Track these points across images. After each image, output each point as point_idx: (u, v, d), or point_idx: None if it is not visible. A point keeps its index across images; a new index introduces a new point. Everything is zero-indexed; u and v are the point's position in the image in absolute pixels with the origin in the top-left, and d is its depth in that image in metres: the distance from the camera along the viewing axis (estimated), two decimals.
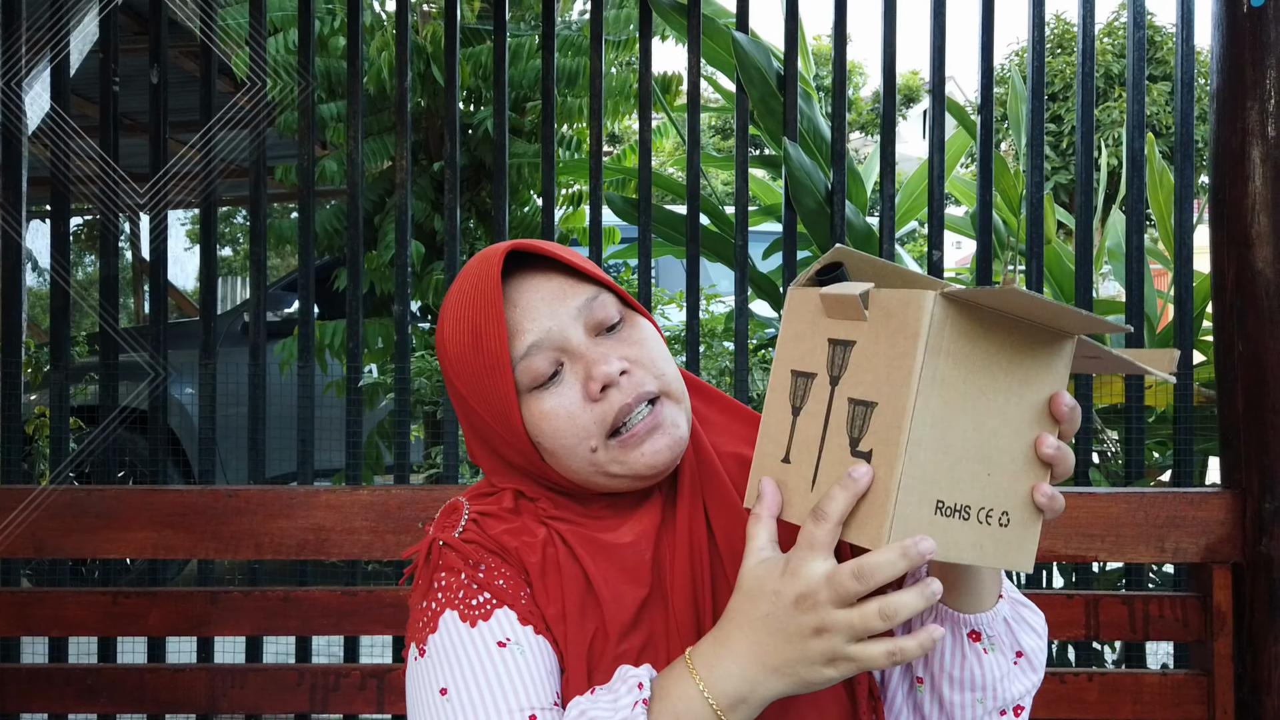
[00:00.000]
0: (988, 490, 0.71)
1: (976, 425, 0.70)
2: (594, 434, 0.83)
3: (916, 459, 0.68)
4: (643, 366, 0.85)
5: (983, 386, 0.71)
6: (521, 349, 0.83)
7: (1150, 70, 12.09)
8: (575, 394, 0.84)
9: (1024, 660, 0.84)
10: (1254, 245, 1.38)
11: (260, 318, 1.99)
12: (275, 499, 1.44)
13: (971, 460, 0.70)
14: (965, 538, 0.70)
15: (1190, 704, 1.41)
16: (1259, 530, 1.38)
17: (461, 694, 0.79)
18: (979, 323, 0.70)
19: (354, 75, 1.99)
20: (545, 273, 0.86)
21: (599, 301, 0.85)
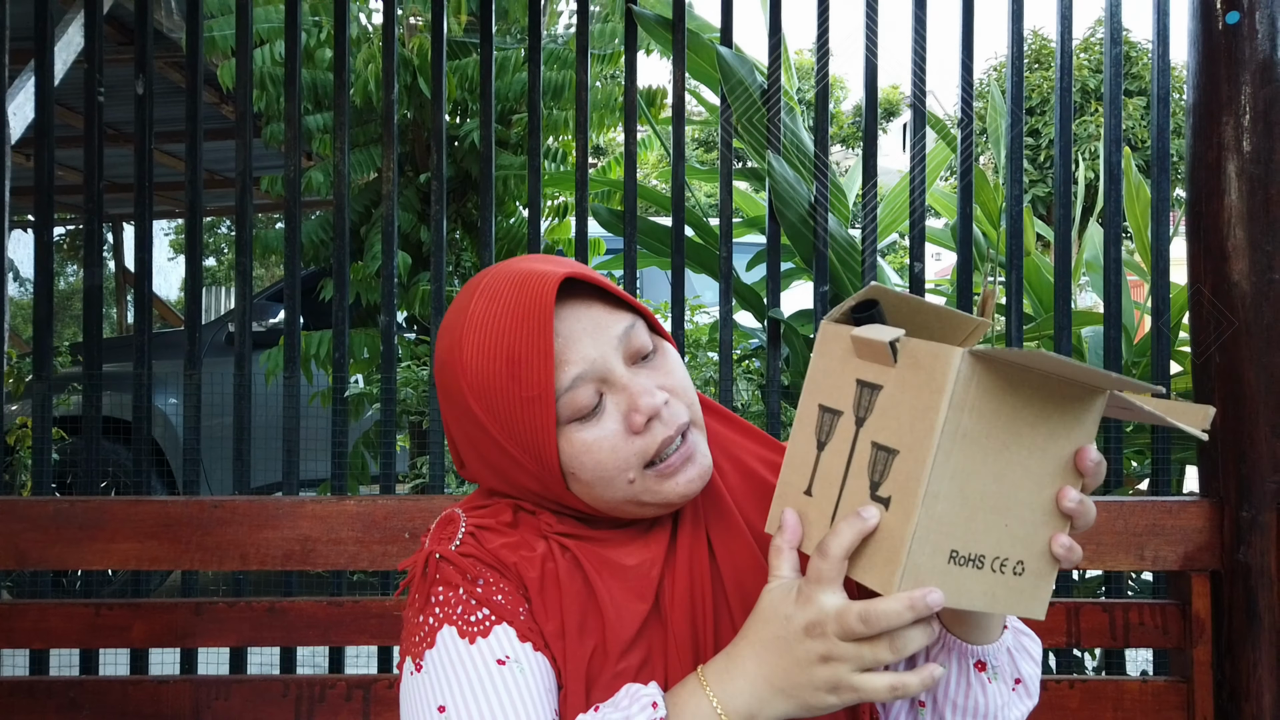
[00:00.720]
0: (1004, 540, 0.72)
1: (997, 478, 0.72)
2: (634, 465, 0.83)
3: (933, 510, 0.69)
4: (677, 395, 0.85)
5: (1006, 441, 0.72)
6: (566, 381, 0.82)
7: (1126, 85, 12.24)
8: (616, 425, 0.83)
9: (1021, 687, 0.86)
10: (1230, 258, 1.40)
11: (246, 327, 1.98)
12: (261, 509, 1.44)
13: (989, 511, 0.72)
14: (977, 586, 0.72)
15: (1170, 710, 1.42)
16: (1236, 538, 1.40)
17: (460, 712, 0.78)
18: (1006, 379, 0.71)
19: (340, 86, 2.00)
20: (585, 300, 0.84)
21: (635, 330, 0.85)
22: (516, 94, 3.13)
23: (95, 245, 2.00)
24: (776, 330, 2.07)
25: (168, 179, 6.65)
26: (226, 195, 7.60)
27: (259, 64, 3.05)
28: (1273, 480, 1.39)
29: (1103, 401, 0.74)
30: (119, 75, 3.99)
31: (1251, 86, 1.38)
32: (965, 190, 2.05)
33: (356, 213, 3.15)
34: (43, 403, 1.95)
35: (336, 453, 2.00)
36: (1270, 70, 1.37)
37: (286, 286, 2.00)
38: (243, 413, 1.97)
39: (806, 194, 2.21)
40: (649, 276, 4.46)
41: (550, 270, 0.83)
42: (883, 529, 0.72)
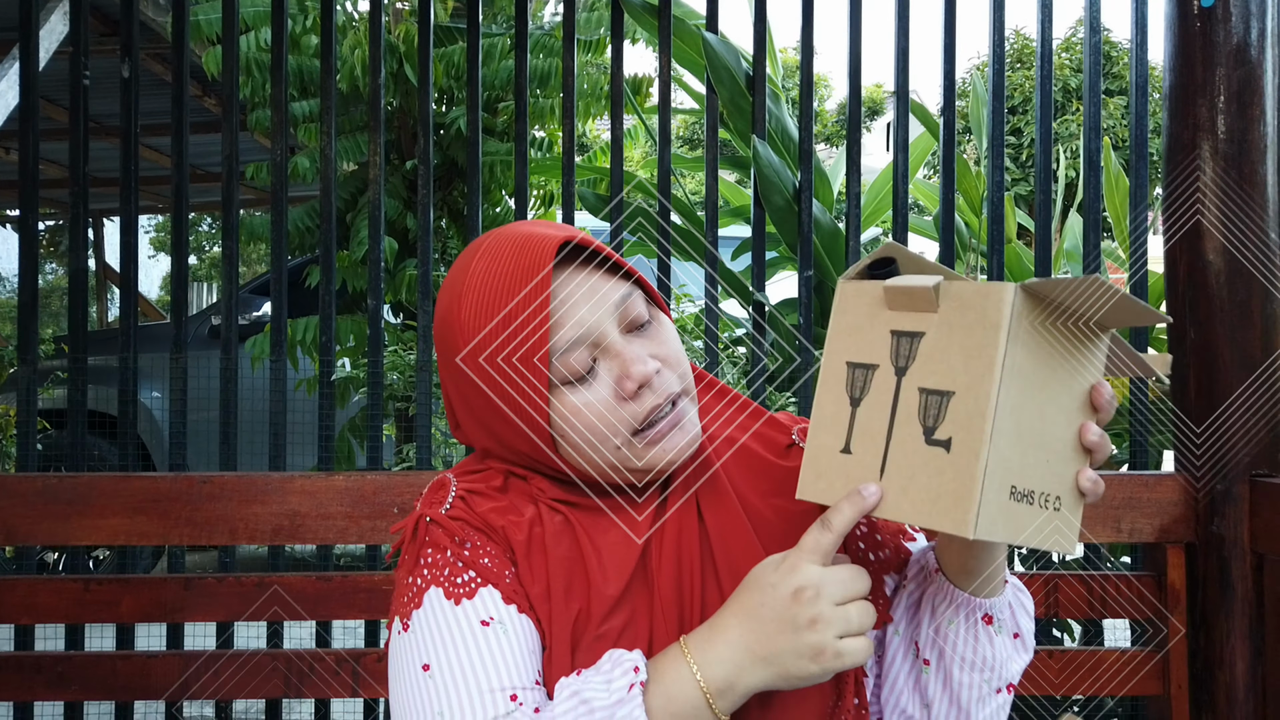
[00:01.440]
0: (1047, 475, 0.74)
1: (1040, 414, 0.73)
2: (623, 429, 0.84)
3: (999, 447, 0.70)
4: (669, 365, 0.86)
5: (1045, 377, 0.73)
6: (561, 344, 0.83)
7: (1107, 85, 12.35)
8: (607, 391, 0.84)
9: (1019, 640, 0.88)
10: (1204, 236, 1.43)
11: (233, 311, 1.99)
12: (249, 484, 1.44)
13: (1037, 447, 0.73)
14: (1030, 521, 0.73)
15: (1146, 679, 1.45)
16: (1211, 511, 1.44)
17: (444, 671, 0.80)
18: (1047, 315, 0.73)
19: (327, 72, 2.01)
20: (584, 266, 0.85)
21: (632, 299, 0.86)
22: (503, 81, 3.14)
23: (80, 230, 2.00)
24: (761, 313, 2.10)
25: (150, 173, 6.61)
26: (209, 190, 7.56)
27: (244, 50, 3.05)
28: (1245, 454, 1.42)
29: (1108, 340, 0.77)
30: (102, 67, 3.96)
31: (1226, 68, 1.41)
32: (948, 177, 2.08)
33: (343, 200, 3.15)
34: (28, 386, 1.95)
35: (323, 436, 2.01)
36: (1244, 52, 1.41)
37: (273, 270, 2.01)
38: (229, 396, 1.97)
39: (791, 180, 2.23)
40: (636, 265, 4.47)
41: (551, 234, 0.84)
42: (947, 471, 0.72)
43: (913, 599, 0.90)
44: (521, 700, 0.79)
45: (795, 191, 2.18)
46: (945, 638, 0.86)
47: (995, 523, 0.71)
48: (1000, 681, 0.87)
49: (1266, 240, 1.43)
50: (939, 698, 0.87)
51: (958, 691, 0.86)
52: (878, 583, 0.92)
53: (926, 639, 0.87)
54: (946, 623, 0.85)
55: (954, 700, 0.87)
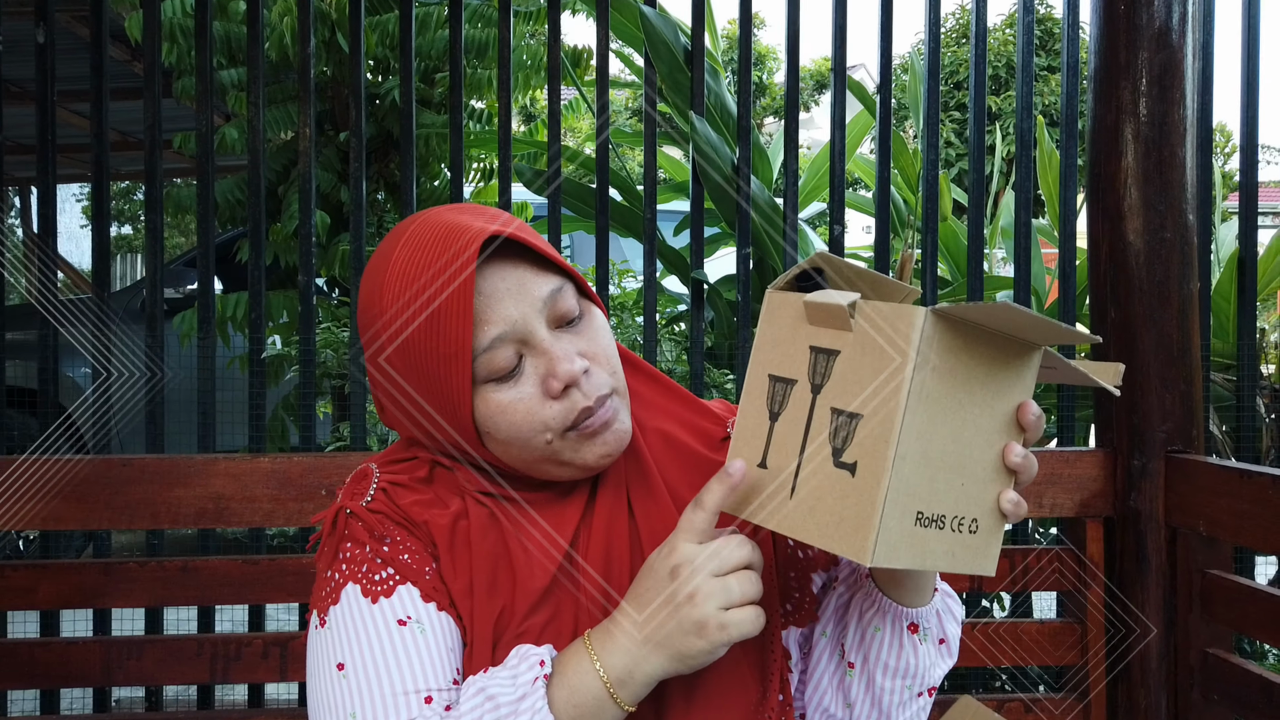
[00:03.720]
0: (961, 499, 0.73)
1: (954, 437, 0.72)
2: (552, 428, 0.82)
3: (902, 473, 0.69)
4: (599, 364, 0.84)
5: (962, 400, 0.72)
6: (485, 341, 0.79)
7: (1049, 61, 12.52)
8: (534, 389, 0.81)
9: (944, 646, 0.88)
10: (1126, 217, 1.46)
11: (158, 285, 1.93)
12: (172, 466, 1.41)
13: (949, 471, 0.72)
14: (940, 546, 0.73)
15: (1065, 649, 1.50)
16: (1128, 486, 1.48)
17: (358, 671, 0.79)
18: (962, 337, 0.71)
19: (254, 39, 1.95)
20: (511, 258, 0.81)
21: (561, 294, 0.82)
22: (439, 52, 3.08)
23: (2, 197, 1.93)
24: (700, 291, 2.10)
25: (76, 140, 6.38)
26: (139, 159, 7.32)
27: (168, 15, 2.94)
28: (1162, 430, 1.46)
29: (1039, 357, 0.75)
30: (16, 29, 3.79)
31: (1148, 52, 1.43)
32: (884, 154, 2.09)
33: (274, 172, 3.07)
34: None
35: (254, 415, 1.97)
36: (1165, 36, 1.43)
37: (200, 244, 1.95)
38: (155, 373, 1.92)
39: (730, 156, 2.22)
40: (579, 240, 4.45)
41: (477, 225, 0.80)
42: (850, 496, 0.71)
43: (841, 601, 0.90)
44: (436, 701, 0.78)
45: (734, 168, 2.18)
46: (870, 643, 0.86)
47: (897, 550, 0.70)
48: (922, 686, 0.87)
49: (1185, 222, 1.46)
50: (861, 699, 0.88)
51: (879, 695, 0.87)
52: (805, 580, 0.92)
53: (852, 643, 0.87)
54: (872, 630, 0.86)
55: (875, 703, 0.87)
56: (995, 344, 0.73)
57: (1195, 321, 1.48)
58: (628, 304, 2.75)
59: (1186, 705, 1.42)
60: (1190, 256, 1.48)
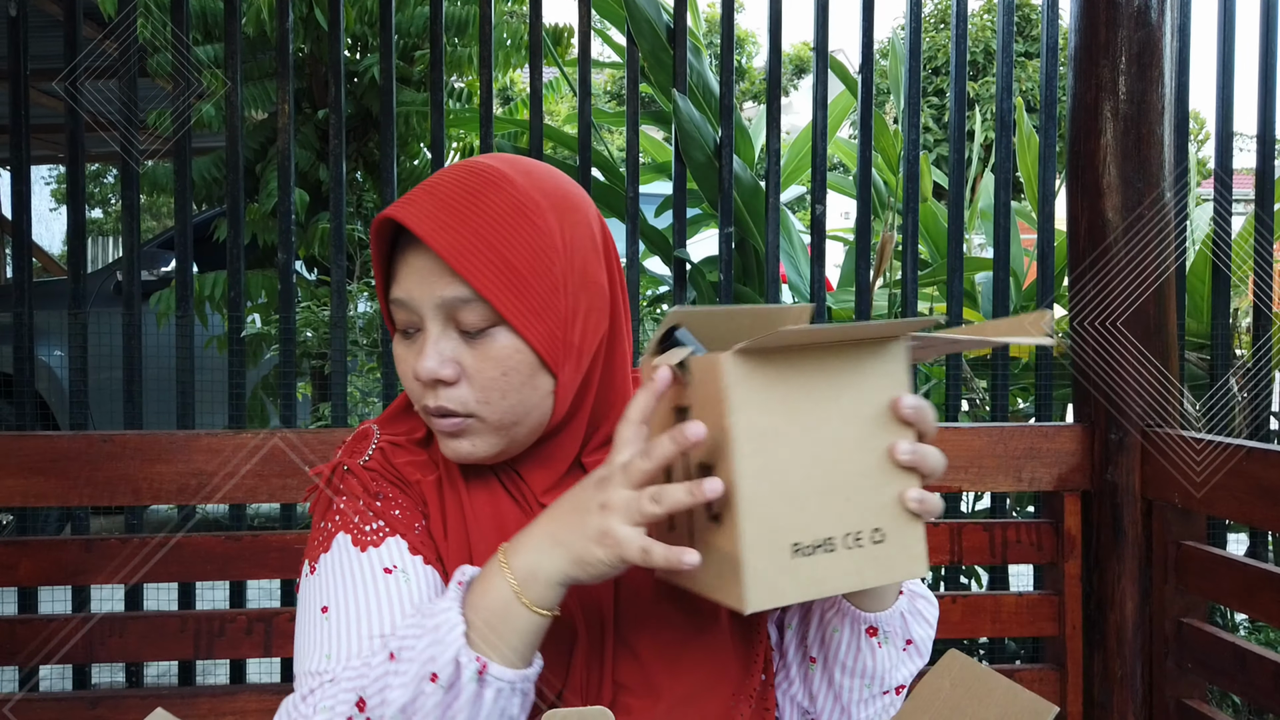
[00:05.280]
0: (849, 515, 0.72)
1: (815, 460, 0.71)
2: (417, 401, 0.85)
3: (754, 515, 0.69)
4: (471, 385, 0.82)
5: (808, 423, 0.71)
6: (391, 295, 0.84)
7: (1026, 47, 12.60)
8: (415, 360, 0.83)
9: (912, 648, 0.88)
10: (1104, 194, 1.48)
11: (135, 264, 1.91)
12: (154, 443, 1.40)
13: (821, 494, 0.71)
14: (839, 567, 0.72)
15: (1043, 621, 1.52)
16: (1105, 460, 1.50)
17: (340, 613, 0.81)
18: (787, 362, 0.71)
19: (231, 14, 1.92)
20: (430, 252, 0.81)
21: (469, 307, 0.80)
22: (419, 29, 3.05)
23: None
24: (683, 270, 2.10)
25: (48, 120, 6.28)
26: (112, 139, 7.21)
27: None
28: (1138, 405, 1.48)
29: (902, 347, 0.74)
30: None
31: (1127, 30, 1.45)
32: (865, 135, 2.09)
33: (252, 150, 3.04)
34: None
35: (234, 394, 1.95)
36: (1145, 14, 1.44)
37: (178, 222, 1.93)
38: (133, 352, 1.90)
39: (712, 135, 2.22)
40: None
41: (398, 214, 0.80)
42: (721, 547, 0.71)
43: None
44: None
45: (716, 148, 2.18)
46: (830, 643, 0.87)
47: (779, 588, 0.70)
48: (885, 687, 0.88)
49: (1162, 200, 1.48)
50: (823, 694, 0.90)
51: (839, 692, 0.88)
52: None
53: (814, 640, 0.88)
54: (831, 629, 0.86)
55: (836, 699, 0.89)
56: (839, 353, 0.72)
57: (1172, 298, 1.51)
58: None
59: (1162, 674, 1.45)
60: (1167, 234, 1.50)
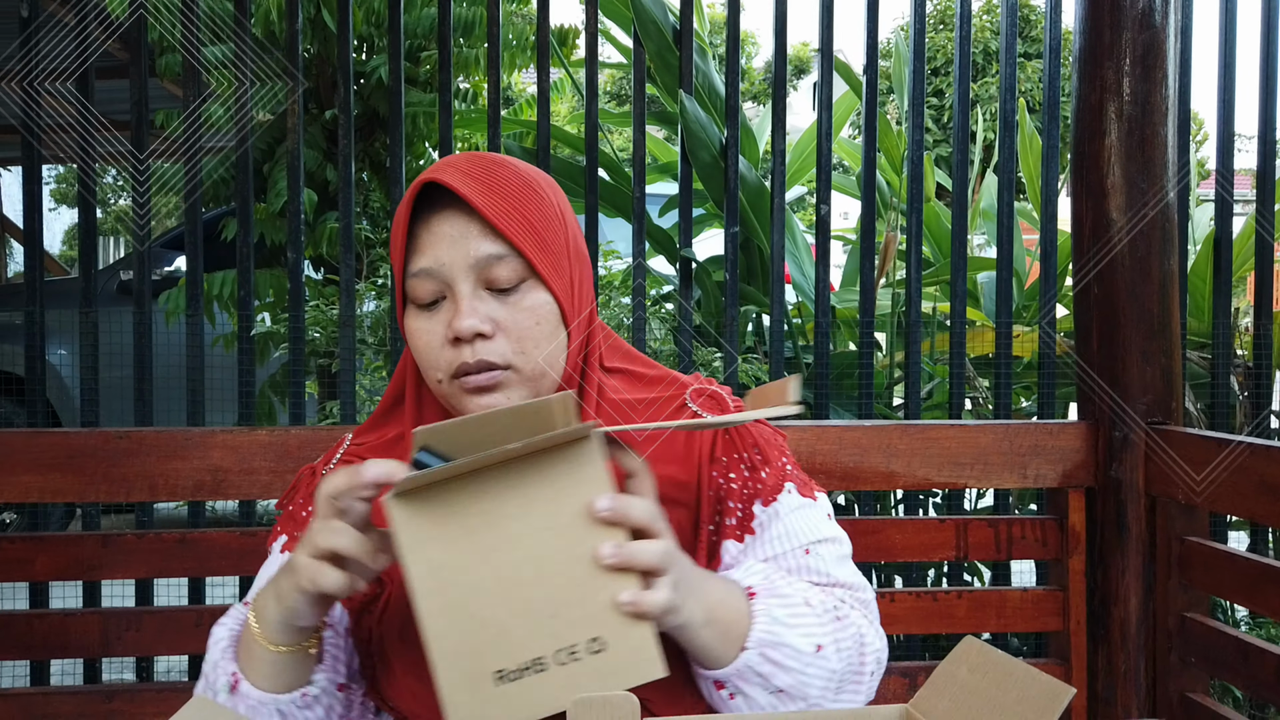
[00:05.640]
0: (560, 631, 0.70)
1: (510, 583, 0.70)
2: (441, 369, 0.88)
3: (443, 651, 0.69)
4: (508, 337, 0.86)
5: (496, 547, 0.70)
6: (413, 268, 0.88)
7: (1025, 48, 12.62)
8: (441, 328, 0.87)
9: (785, 694, 0.84)
10: (1109, 194, 1.50)
11: (146, 261, 1.93)
12: (169, 440, 1.41)
13: (522, 616, 0.70)
14: (553, 686, 0.70)
15: (1047, 616, 1.54)
16: (1109, 457, 1.52)
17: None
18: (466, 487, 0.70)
19: (241, 15, 1.94)
20: (468, 212, 0.86)
21: (501, 262, 0.86)
22: (424, 30, 3.07)
23: None
24: (688, 269, 2.12)
25: None
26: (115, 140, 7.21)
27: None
28: (1142, 402, 1.50)
29: (594, 447, 0.72)
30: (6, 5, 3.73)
31: (1131, 32, 1.46)
32: (870, 135, 2.11)
33: (259, 150, 3.05)
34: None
35: (244, 392, 1.97)
36: (1149, 16, 1.46)
37: (188, 221, 1.95)
38: (143, 350, 1.92)
39: (718, 135, 2.24)
40: None
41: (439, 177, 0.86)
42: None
43: None
44: None
45: (722, 148, 2.20)
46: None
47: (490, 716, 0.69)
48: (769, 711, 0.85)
49: (1165, 200, 1.50)
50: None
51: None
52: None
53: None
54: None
55: None
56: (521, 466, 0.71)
57: (1175, 297, 1.52)
58: (614, 283, 2.76)
59: (1165, 668, 1.47)
60: (1170, 233, 1.51)
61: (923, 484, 1.51)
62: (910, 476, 1.50)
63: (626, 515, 0.72)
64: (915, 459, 1.49)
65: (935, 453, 1.50)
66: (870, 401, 2.02)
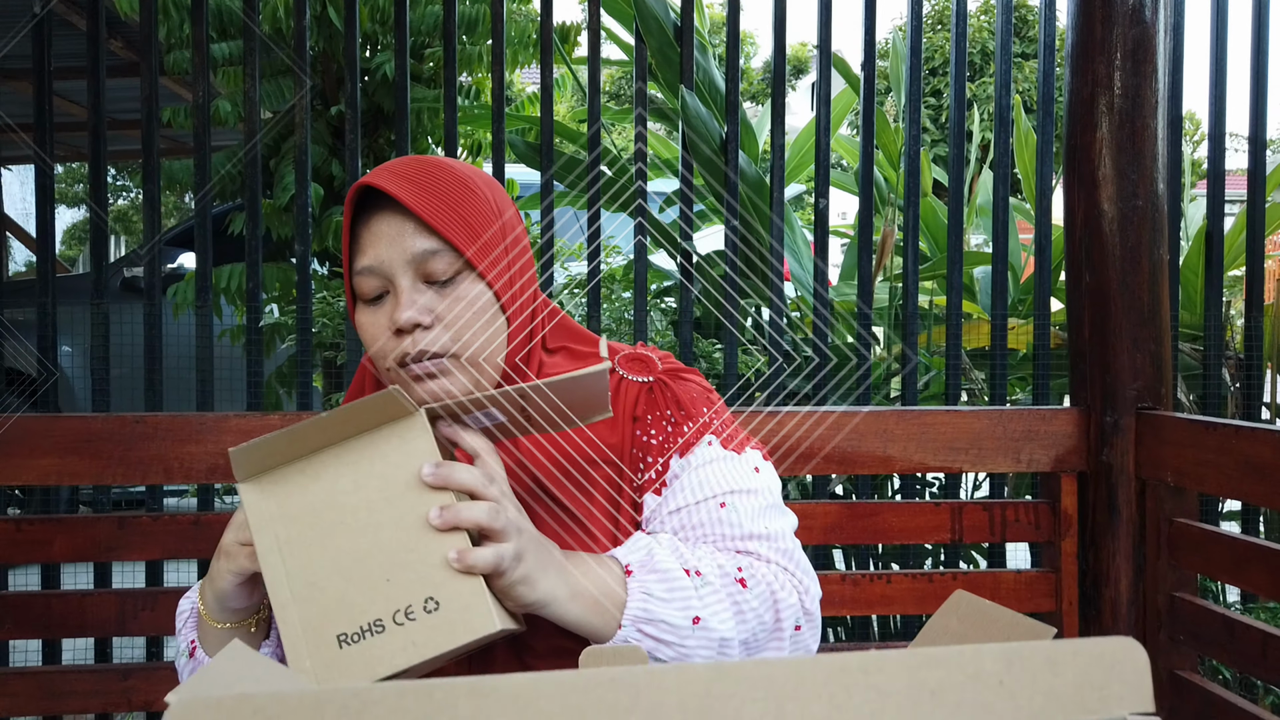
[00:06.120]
0: (395, 593, 0.76)
1: (348, 552, 0.77)
2: (386, 358, 0.93)
3: (287, 621, 0.76)
4: (445, 327, 0.93)
5: (333, 520, 0.77)
6: (357, 266, 0.94)
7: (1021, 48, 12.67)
8: (385, 320, 0.93)
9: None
10: (1100, 186, 1.53)
11: (157, 255, 1.96)
12: (184, 424, 1.45)
13: (359, 582, 0.76)
14: (391, 645, 0.75)
15: (1040, 597, 1.57)
16: (1100, 441, 1.55)
17: None
18: (301, 472, 0.77)
19: (250, 13, 1.97)
20: (403, 212, 0.93)
21: (436, 256, 0.92)
22: (429, 27, 3.11)
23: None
24: (689, 263, 2.15)
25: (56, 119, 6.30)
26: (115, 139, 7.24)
27: None
28: (1132, 388, 1.54)
29: (418, 421, 0.79)
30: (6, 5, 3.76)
31: (1122, 27, 1.50)
32: (868, 131, 2.15)
33: (266, 146, 3.09)
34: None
35: (252, 383, 2.00)
36: (1139, 12, 1.50)
37: (197, 216, 1.98)
38: (154, 341, 1.95)
39: (719, 131, 2.28)
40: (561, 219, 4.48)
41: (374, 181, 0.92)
42: None
43: None
44: None
45: (722, 143, 2.23)
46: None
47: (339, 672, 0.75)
48: None
49: (1155, 191, 1.54)
50: None
51: None
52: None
53: None
54: None
55: None
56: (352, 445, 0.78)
57: (1165, 286, 1.56)
58: (616, 277, 2.80)
59: (1155, 646, 1.51)
60: (1160, 224, 1.55)
61: (918, 468, 1.55)
62: (906, 461, 1.54)
63: (450, 478, 0.78)
64: (911, 444, 1.53)
65: (931, 438, 1.54)
66: (867, 394, 2.06)
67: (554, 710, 0.35)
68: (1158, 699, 1.50)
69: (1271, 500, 1.27)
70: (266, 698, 0.35)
